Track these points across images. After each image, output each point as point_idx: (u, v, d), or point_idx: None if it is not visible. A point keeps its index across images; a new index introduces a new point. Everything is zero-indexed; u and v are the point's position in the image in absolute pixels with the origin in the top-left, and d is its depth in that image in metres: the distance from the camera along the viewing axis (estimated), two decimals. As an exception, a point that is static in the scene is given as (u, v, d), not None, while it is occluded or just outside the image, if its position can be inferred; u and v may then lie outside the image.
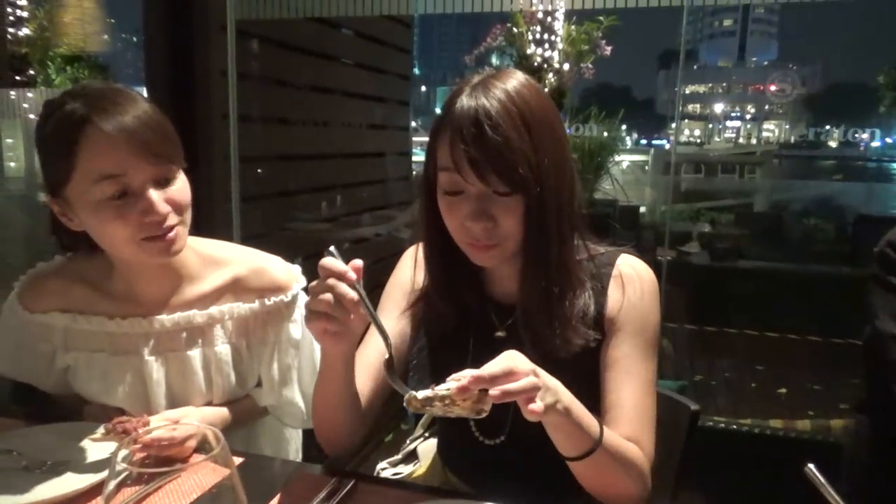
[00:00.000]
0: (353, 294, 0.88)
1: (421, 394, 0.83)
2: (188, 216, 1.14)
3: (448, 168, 0.98)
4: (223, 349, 1.24)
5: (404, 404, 0.85)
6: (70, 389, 1.26)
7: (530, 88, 1.00)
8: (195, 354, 1.23)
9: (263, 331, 1.28)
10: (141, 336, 1.20)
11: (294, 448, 1.47)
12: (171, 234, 1.09)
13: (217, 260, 1.26)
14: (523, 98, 0.98)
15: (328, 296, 0.87)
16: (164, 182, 1.09)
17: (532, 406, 0.81)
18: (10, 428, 1.15)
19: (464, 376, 0.82)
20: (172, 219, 1.09)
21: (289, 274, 1.30)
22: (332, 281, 0.87)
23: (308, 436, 1.49)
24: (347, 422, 1.06)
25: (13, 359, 1.27)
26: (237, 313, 1.25)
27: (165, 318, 1.20)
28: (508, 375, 0.82)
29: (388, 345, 0.92)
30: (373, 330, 1.19)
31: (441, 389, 0.82)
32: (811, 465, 0.79)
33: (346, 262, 0.89)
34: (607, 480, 0.97)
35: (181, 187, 1.12)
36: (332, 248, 0.90)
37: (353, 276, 0.88)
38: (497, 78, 1.00)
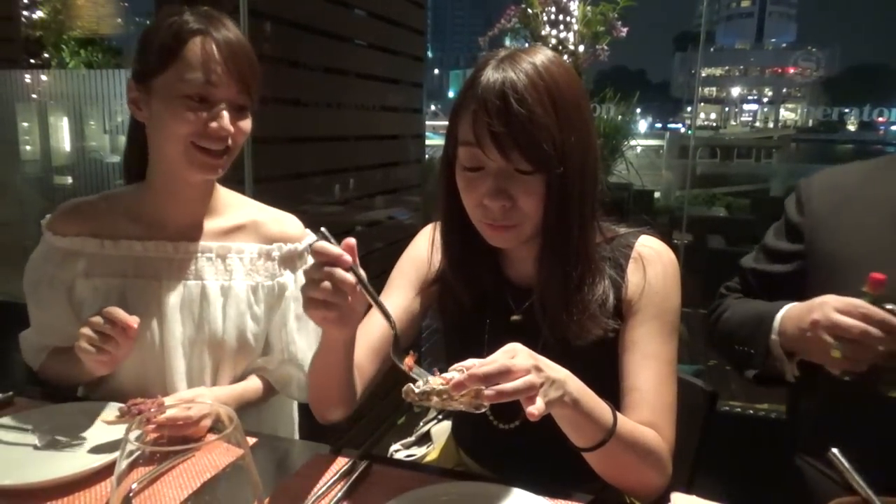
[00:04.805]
0: (351, 279, 0.84)
1: (418, 387, 0.81)
2: (236, 152, 1.22)
3: (469, 142, 0.96)
4: (240, 285, 1.28)
5: (402, 395, 0.82)
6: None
7: (559, 65, 0.97)
8: (214, 285, 1.26)
9: (276, 278, 1.31)
10: (164, 260, 1.25)
11: (290, 429, 1.48)
12: (220, 160, 1.19)
13: (239, 203, 1.36)
14: (551, 74, 0.95)
15: (326, 284, 0.83)
16: (237, 109, 1.19)
17: (531, 408, 0.78)
18: (26, 407, 1.16)
19: (464, 367, 0.80)
20: (228, 142, 1.18)
21: (301, 228, 1.38)
22: (328, 268, 0.83)
23: (304, 417, 1.49)
24: (343, 395, 1.05)
25: (38, 301, 1.28)
26: (256, 251, 1.30)
27: (190, 245, 1.26)
28: (505, 374, 0.79)
29: (392, 325, 0.90)
30: None
31: (437, 384, 0.80)
32: (835, 450, 0.78)
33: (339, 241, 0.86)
34: (622, 469, 0.96)
35: (245, 124, 1.21)
36: (323, 230, 0.86)
37: (348, 259, 0.84)
38: (525, 52, 0.97)
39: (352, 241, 0.86)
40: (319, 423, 1.09)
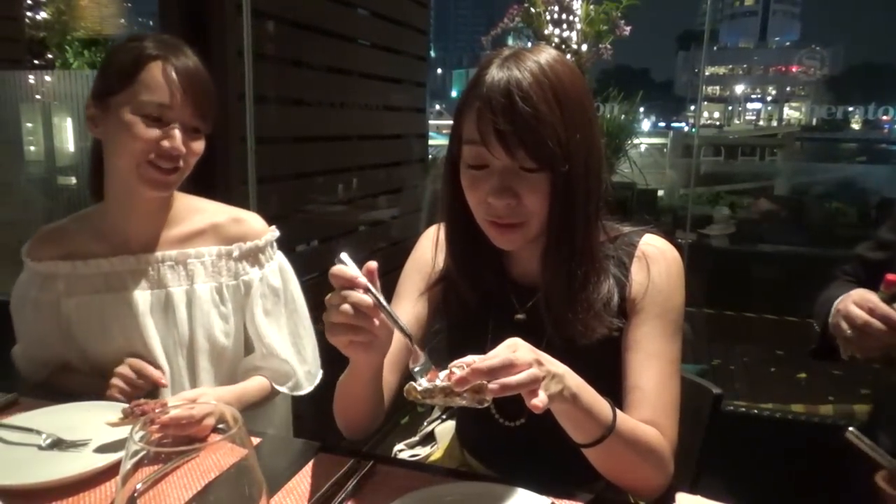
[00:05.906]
0: (368, 300, 0.84)
1: (420, 385, 0.81)
2: (187, 172, 1.27)
3: (474, 141, 0.96)
4: (203, 287, 1.33)
5: (404, 394, 0.83)
6: (71, 352, 1.32)
7: (563, 64, 0.98)
8: (178, 290, 1.31)
9: (240, 277, 1.35)
10: (129, 272, 1.30)
11: (285, 429, 1.48)
12: (171, 177, 1.23)
13: (199, 208, 1.39)
14: (556, 72, 0.95)
15: (346, 307, 0.83)
16: (190, 130, 1.23)
17: (534, 400, 0.79)
18: (32, 407, 1.16)
19: (465, 363, 0.80)
20: (179, 162, 1.22)
21: (263, 225, 1.42)
22: (345, 291, 0.84)
23: (301, 417, 1.49)
24: (369, 414, 1.06)
25: (25, 321, 1.34)
26: (215, 253, 1.35)
27: (151, 256, 1.31)
28: (508, 368, 0.79)
29: (411, 342, 0.89)
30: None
31: (440, 381, 0.80)
32: (852, 428, 0.79)
33: (360, 265, 0.85)
34: (623, 467, 0.96)
35: (197, 146, 1.26)
36: (342, 255, 0.86)
37: (363, 281, 0.84)
38: (529, 51, 0.98)
39: (373, 264, 0.86)
40: (345, 436, 1.10)
